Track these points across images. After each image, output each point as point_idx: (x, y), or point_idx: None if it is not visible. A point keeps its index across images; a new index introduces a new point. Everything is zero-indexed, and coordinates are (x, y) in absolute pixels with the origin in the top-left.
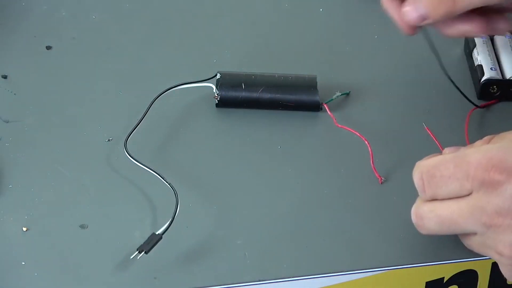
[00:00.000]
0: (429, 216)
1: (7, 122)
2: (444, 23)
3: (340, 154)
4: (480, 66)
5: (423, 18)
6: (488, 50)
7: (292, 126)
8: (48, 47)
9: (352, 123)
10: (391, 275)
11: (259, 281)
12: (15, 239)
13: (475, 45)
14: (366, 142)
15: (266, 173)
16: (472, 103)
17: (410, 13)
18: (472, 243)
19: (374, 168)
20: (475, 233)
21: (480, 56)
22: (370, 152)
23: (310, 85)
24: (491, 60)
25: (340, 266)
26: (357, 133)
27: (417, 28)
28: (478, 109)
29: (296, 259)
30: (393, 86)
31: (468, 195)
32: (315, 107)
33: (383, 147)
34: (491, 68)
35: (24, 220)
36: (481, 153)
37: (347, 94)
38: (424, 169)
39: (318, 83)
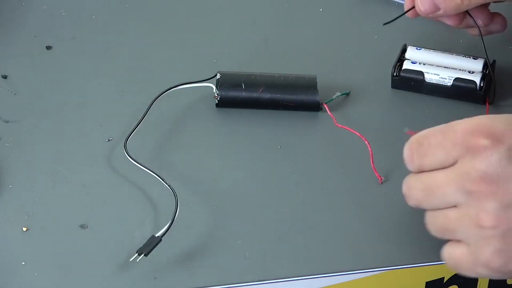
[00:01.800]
0: (415, 184)
1: (7, 122)
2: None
3: (340, 154)
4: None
5: (436, 8)
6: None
7: (292, 126)
8: (48, 47)
9: (352, 123)
10: (391, 275)
11: (259, 281)
12: (15, 239)
13: None
14: (366, 142)
15: (266, 173)
16: (476, 103)
17: (425, 1)
18: (448, 221)
19: (374, 168)
20: (453, 206)
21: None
22: (370, 152)
23: (310, 85)
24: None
25: (340, 266)
26: (357, 133)
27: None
28: (483, 108)
29: (296, 259)
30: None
31: (454, 164)
32: (315, 107)
33: (383, 147)
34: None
35: (24, 220)
36: (469, 121)
37: (347, 94)
38: (413, 139)
39: (318, 83)
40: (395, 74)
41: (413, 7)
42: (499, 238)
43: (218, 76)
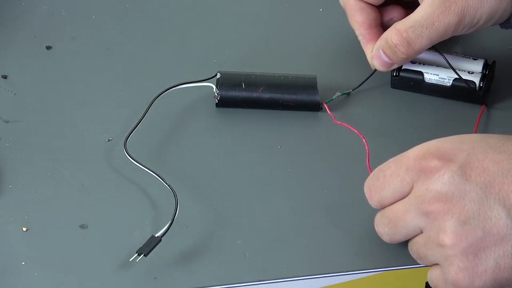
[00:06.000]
0: (381, 221)
1: (7, 122)
2: None
3: (340, 154)
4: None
5: (390, 64)
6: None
7: (292, 126)
8: (48, 47)
9: (352, 122)
10: (391, 275)
11: (259, 281)
12: (15, 239)
13: None
14: (364, 140)
15: (266, 173)
16: (475, 103)
17: (377, 61)
18: (418, 248)
19: (369, 168)
20: (420, 232)
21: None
22: (367, 151)
23: (310, 85)
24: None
25: (340, 266)
26: (355, 130)
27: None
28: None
29: (296, 259)
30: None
31: (410, 192)
32: (315, 107)
33: (383, 147)
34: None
35: (24, 220)
36: (420, 146)
37: (348, 94)
38: (370, 176)
39: (318, 83)
40: (394, 74)
41: (375, 70)
42: (460, 256)
43: (218, 75)
